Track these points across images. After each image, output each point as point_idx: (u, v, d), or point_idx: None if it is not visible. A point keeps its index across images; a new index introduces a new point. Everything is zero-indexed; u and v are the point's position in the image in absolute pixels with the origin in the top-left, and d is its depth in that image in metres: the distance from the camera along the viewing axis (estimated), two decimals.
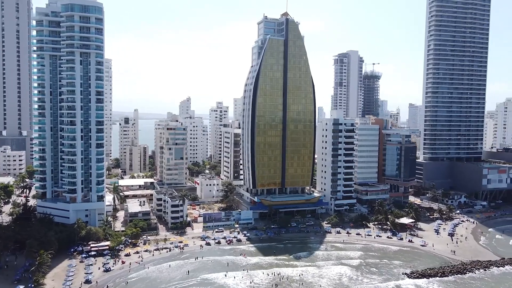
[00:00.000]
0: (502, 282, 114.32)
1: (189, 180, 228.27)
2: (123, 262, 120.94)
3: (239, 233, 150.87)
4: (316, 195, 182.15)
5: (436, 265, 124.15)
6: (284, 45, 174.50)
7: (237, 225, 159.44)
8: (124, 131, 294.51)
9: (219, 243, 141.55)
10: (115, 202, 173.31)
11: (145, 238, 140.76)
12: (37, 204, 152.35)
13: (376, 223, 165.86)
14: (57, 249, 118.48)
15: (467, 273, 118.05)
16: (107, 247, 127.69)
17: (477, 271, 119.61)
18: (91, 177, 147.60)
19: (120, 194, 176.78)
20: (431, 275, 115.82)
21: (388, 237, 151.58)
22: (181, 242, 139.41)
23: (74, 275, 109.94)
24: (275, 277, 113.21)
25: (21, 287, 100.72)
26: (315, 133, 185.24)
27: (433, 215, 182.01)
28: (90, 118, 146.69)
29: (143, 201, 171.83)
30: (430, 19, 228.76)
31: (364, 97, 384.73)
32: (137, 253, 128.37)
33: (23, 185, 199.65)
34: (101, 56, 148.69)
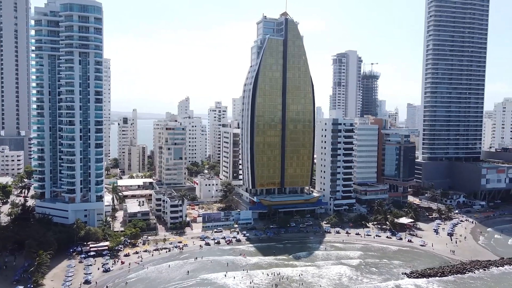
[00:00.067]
0: (501, 282, 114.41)
1: (188, 180, 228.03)
2: (123, 262, 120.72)
3: (239, 233, 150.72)
4: (315, 195, 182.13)
5: (435, 265, 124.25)
6: (283, 45, 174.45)
7: (237, 225, 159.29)
8: (122, 131, 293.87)
9: (218, 243, 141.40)
10: (114, 202, 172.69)
11: (145, 238, 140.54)
12: (35, 204, 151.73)
13: (375, 223, 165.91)
14: (56, 249, 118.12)
15: (466, 273, 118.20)
16: (106, 248, 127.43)
17: (477, 271, 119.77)
18: (90, 177, 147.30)
19: (119, 194, 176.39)
20: (431, 275, 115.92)
21: (387, 237, 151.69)
22: (181, 242, 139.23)
23: (73, 275, 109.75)
24: (275, 277, 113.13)
25: (20, 287, 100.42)
26: (314, 133, 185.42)
27: (431, 215, 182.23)
28: (89, 118, 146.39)
29: (142, 201, 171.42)
30: (429, 19, 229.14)
31: (362, 97, 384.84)
32: (137, 253, 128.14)
33: (21, 185, 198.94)
34: (100, 56, 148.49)
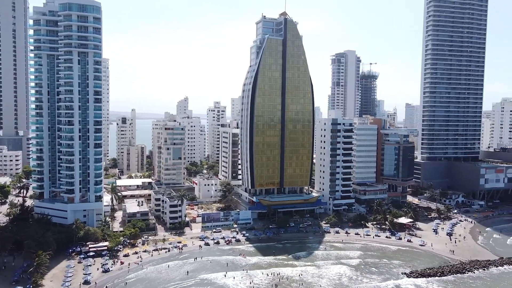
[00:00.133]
0: (501, 281, 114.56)
1: (187, 180, 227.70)
2: (122, 262, 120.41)
3: (238, 233, 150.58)
4: (314, 195, 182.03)
5: (435, 264, 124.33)
6: (282, 45, 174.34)
7: (236, 225, 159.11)
8: (121, 131, 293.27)
9: (218, 243, 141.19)
10: (113, 202, 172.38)
11: (144, 238, 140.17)
12: (34, 204, 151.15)
13: (374, 223, 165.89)
14: (55, 249, 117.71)
15: (466, 273, 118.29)
16: (106, 248, 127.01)
17: (476, 271, 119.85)
18: (89, 177, 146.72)
19: (118, 194, 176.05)
20: (431, 275, 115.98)
21: (387, 237, 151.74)
22: (180, 242, 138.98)
23: (72, 275, 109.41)
24: (275, 277, 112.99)
25: None
26: (314, 133, 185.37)
27: (430, 215, 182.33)
28: (88, 118, 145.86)
29: (141, 201, 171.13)
30: (428, 19, 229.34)
31: (361, 97, 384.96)
32: (136, 253, 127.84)
33: (20, 185, 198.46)
34: (99, 55, 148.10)
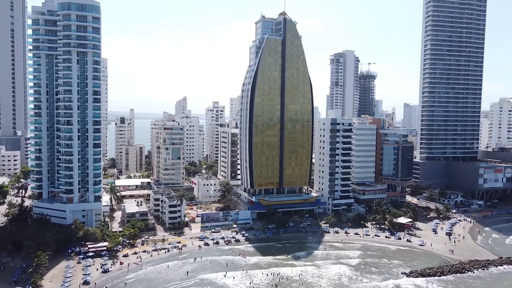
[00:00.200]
0: (501, 281, 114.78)
1: (186, 180, 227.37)
2: (121, 263, 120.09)
3: (238, 233, 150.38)
4: (314, 195, 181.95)
5: (434, 264, 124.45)
6: (282, 45, 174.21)
7: (235, 225, 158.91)
8: (120, 131, 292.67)
9: (217, 243, 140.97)
10: (112, 202, 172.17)
11: (144, 239, 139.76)
12: (33, 204, 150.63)
13: (374, 222, 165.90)
14: (54, 250, 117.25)
15: (466, 273, 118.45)
16: (105, 248, 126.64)
17: (476, 271, 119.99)
18: (88, 177, 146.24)
19: (117, 194, 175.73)
20: (430, 275, 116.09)
21: (386, 237, 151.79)
22: (179, 242, 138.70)
23: (72, 276, 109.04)
24: (275, 277, 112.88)
25: None
26: (313, 133, 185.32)
27: (429, 215, 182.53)
28: (87, 118, 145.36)
29: (140, 201, 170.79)
30: (426, 19, 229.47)
31: (359, 97, 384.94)
32: (135, 253, 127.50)
33: (18, 185, 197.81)
34: (98, 55, 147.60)
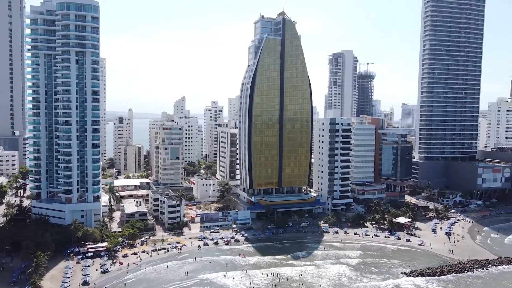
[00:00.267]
0: (500, 281, 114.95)
1: (184, 180, 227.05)
2: (121, 263, 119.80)
3: (237, 233, 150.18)
4: (313, 194, 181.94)
5: (434, 264, 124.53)
6: (281, 45, 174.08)
7: (235, 225, 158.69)
8: (118, 130, 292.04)
9: (217, 243, 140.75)
10: (111, 202, 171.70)
11: (143, 239, 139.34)
12: (32, 204, 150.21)
13: (373, 222, 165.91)
14: (54, 250, 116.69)
15: (465, 272, 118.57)
16: (104, 248, 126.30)
17: (476, 270, 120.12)
18: (87, 178, 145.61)
19: (116, 194, 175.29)
20: (430, 274, 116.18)
21: (385, 237, 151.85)
22: (179, 242, 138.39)
23: (71, 276, 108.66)
24: (275, 277, 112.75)
25: None
26: (312, 133, 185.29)
27: (428, 215, 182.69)
28: (86, 117, 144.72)
29: (140, 202, 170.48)
30: (425, 19, 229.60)
31: (358, 97, 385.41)
32: (135, 254, 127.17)
33: (17, 185, 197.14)
34: (97, 55, 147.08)
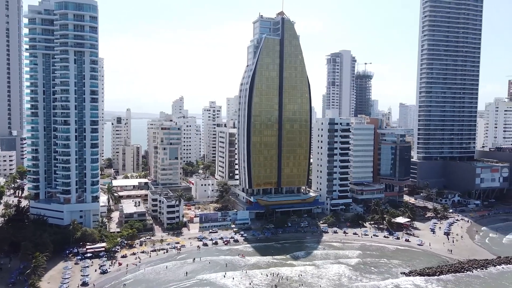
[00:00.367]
0: (500, 281, 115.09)
1: (183, 180, 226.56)
2: (120, 263, 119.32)
3: (236, 234, 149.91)
4: (312, 194, 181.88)
5: (433, 264, 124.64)
6: (280, 45, 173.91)
7: (234, 226, 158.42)
8: (116, 130, 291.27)
9: (216, 243, 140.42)
10: (109, 202, 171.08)
11: (142, 239, 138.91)
12: (30, 205, 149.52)
13: (372, 222, 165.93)
14: (52, 251, 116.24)
15: (465, 272, 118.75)
16: (103, 249, 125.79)
17: (475, 270, 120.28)
18: (85, 178, 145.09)
19: (114, 194, 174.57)
20: (430, 274, 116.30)
21: (385, 237, 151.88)
22: (178, 243, 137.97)
23: (70, 277, 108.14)
24: (274, 277, 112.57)
25: None
26: (311, 133, 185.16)
27: (426, 215, 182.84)
28: (84, 117, 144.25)
29: (138, 202, 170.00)
30: (423, 19, 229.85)
31: (356, 97, 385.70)
32: (134, 254, 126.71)
33: (15, 186, 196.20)
34: (95, 55, 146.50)
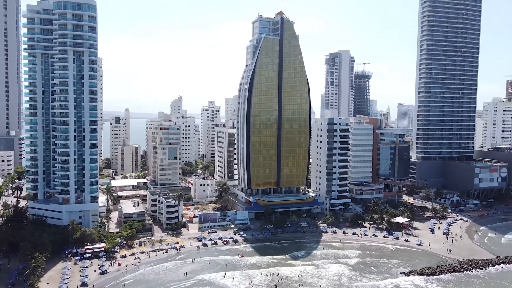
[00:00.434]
0: (500, 280, 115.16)
1: (182, 180, 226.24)
2: (119, 264, 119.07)
3: (235, 234, 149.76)
4: (311, 194, 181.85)
5: (433, 263, 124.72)
6: (279, 45, 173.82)
7: (233, 226, 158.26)
8: (115, 130, 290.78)
9: (215, 243, 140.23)
10: (108, 203, 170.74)
11: (141, 240, 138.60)
12: (28, 205, 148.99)
13: (371, 222, 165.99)
14: (51, 251, 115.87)
15: (464, 272, 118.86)
16: (102, 249, 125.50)
17: (474, 270, 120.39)
18: (84, 178, 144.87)
19: (113, 194, 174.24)
20: (429, 274, 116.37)
21: (384, 237, 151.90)
22: (177, 243, 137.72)
23: (69, 278, 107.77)
24: (274, 277, 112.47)
25: None
26: (310, 133, 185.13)
27: (425, 214, 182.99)
28: (83, 117, 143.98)
29: (137, 202, 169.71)
30: (422, 19, 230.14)
31: (354, 97, 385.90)
32: (133, 254, 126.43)
33: (13, 186, 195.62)
34: (94, 54, 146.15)
